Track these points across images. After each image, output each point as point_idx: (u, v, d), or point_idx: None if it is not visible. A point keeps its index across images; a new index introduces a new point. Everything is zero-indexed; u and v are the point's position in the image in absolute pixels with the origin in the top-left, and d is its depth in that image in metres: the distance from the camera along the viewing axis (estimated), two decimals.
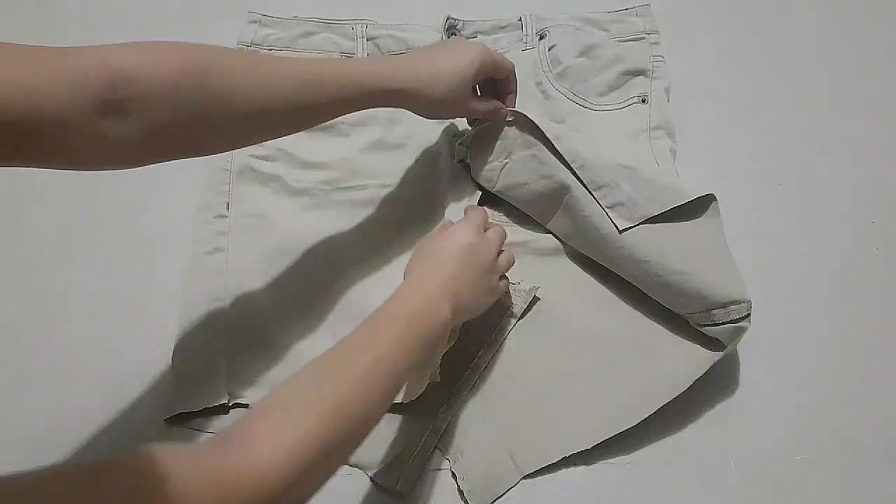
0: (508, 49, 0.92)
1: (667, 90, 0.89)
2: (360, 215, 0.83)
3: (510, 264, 0.73)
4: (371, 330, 0.59)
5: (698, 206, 0.74)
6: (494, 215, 0.83)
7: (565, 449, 0.71)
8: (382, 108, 0.86)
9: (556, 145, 0.76)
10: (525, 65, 0.90)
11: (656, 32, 0.92)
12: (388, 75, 0.68)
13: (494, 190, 0.82)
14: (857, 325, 0.78)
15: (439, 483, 0.70)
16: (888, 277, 0.80)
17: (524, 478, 0.70)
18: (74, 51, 0.51)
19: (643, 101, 0.88)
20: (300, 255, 0.81)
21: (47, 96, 0.48)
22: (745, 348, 0.76)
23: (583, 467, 0.71)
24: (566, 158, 0.76)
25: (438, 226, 0.71)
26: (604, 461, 0.71)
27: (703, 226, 0.74)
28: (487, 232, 0.71)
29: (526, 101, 0.88)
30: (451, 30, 0.91)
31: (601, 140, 0.84)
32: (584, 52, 0.89)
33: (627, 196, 0.74)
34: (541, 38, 0.91)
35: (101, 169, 0.57)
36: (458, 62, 0.71)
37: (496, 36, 0.93)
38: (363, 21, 0.92)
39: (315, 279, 0.80)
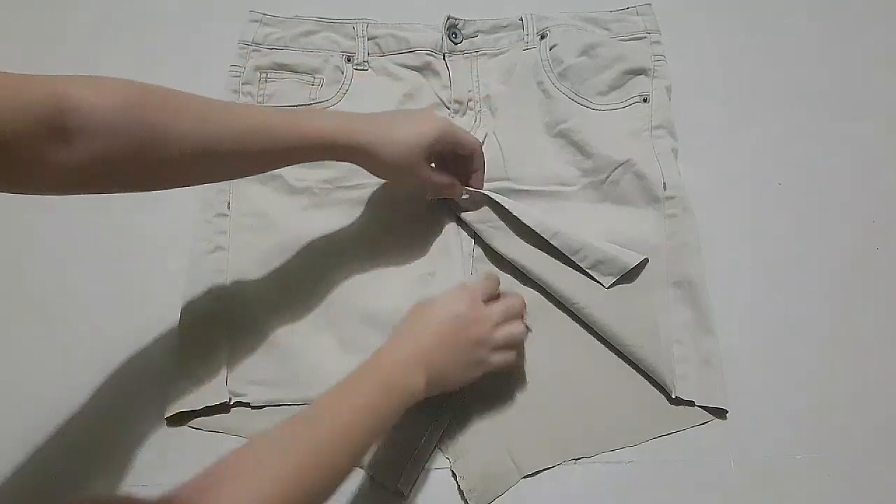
0: (509, 49, 0.92)
1: (668, 89, 0.89)
2: (360, 214, 0.83)
3: (512, 339, 0.70)
4: (341, 397, 0.60)
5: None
6: None
7: (567, 452, 0.71)
8: (383, 109, 0.88)
9: (524, 221, 0.78)
10: (526, 64, 0.90)
11: (657, 31, 0.92)
12: (343, 131, 0.68)
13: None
14: (858, 324, 0.78)
15: (439, 482, 0.70)
16: (888, 277, 0.80)
17: (524, 477, 0.71)
18: (26, 78, 0.52)
19: (644, 100, 0.88)
20: (301, 254, 0.81)
21: None
22: (746, 348, 0.76)
23: (583, 466, 0.71)
24: (538, 231, 0.78)
25: (442, 291, 0.70)
26: (604, 461, 0.71)
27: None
28: (490, 304, 0.69)
29: (527, 101, 0.88)
30: (452, 29, 0.91)
31: (602, 139, 0.84)
32: (586, 52, 0.89)
33: (604, 254, 0.77)
34: (542, 37, 0.91)
35: (41, 194, 0.57)
36: (413, 130, 0.71)
37: (497, 35, 0.93)
38: (364, 20, 0.92)
39: (316, 278, 0.80)
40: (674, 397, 0.73)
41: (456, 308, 0.66)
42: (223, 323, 0.78)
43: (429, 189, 0.80)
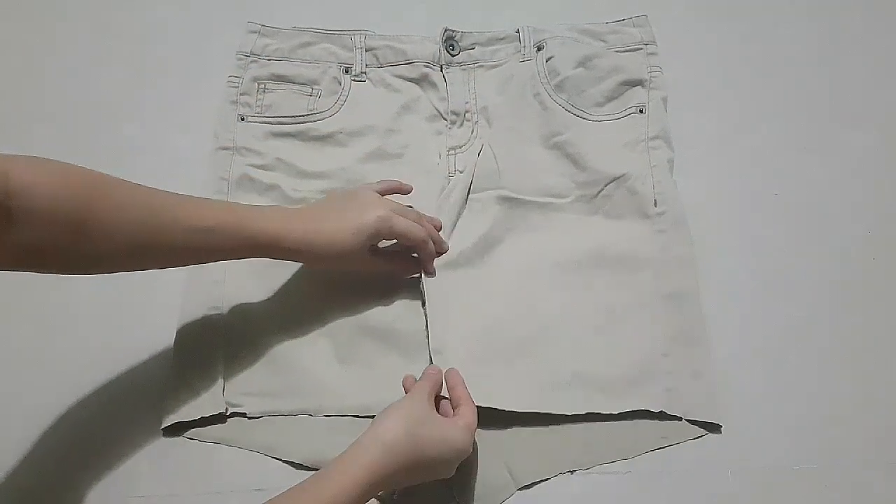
0: (506, 60, 0.92)
1: (664, 100, 0.90)
2: None
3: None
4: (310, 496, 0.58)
5: None
6: None
7: (563, 465, 0.71)
8: (380, 120, 0.88)
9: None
10: (523, 76, 0.90)
11: (654, 43, 0.93)
12: (283, 232, 0.70)
13: None
14: (855, 334, 0.78)
15: (436, 494, 0.70)
16: (886, 287, 0.80)
17: (520, 489, 0.70)
18: None
19: (641, 111, 0.88)
20: (297, 264, 0.81)
21: None
22: (743, 358, 0.76)
23: (579, 477, 0.71)
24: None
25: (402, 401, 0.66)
26: (600, 471, 0.71)
27: None
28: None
29: (523, 113, 0.88)
30: (449, 41, 0.91)
31: (598, 151, 0.85)
32: (582, 63, 0.89)
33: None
34: (538, 49, 0.91)
35: None
36: (352, 224, 0.72)
37: (494, 47, 0.93)
38: (362, 32, 0.93)
39: (313, 288, 0.80)
40: (656, 412, 0.72)
41: (434, 451, 0.63)
42: (220, 333, 0.78)
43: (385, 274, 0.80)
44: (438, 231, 0.80)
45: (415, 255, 0.80)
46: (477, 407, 0.69)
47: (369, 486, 0.58)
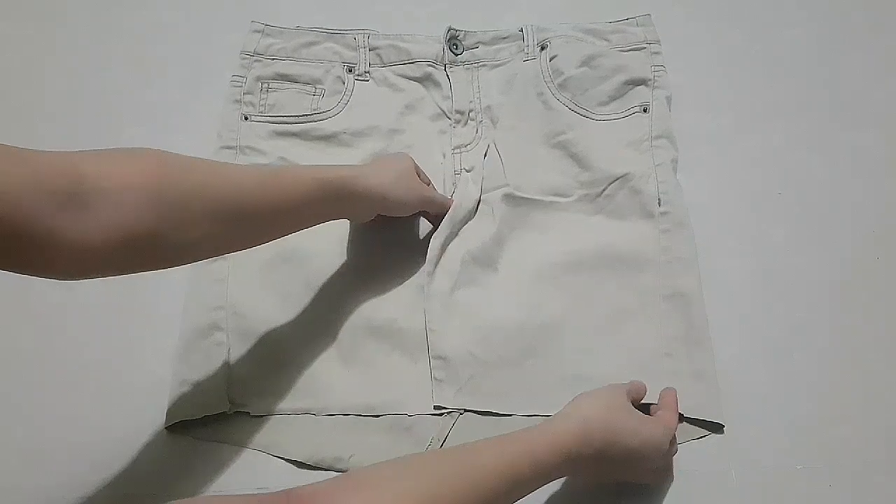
0: (510, 60, 0.92)
1: (668, 99, 0.90)
2: (361, 225, 0.83)
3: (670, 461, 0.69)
4: (498, 456, 0.55)
5: None
6: None
7: None
8: (384, 119, 0.88)
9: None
10: (526, 75, 0.90)
11: (657, 42, 0.93)
12: (347, 171, 0.71)
13: None
14: (858, 334, 0.78)
15: None
16: (889, 286, 0.80)
17: None
18: (44, 154, 0.51)
19: (644, 110, 0.88)
20: (301, 264, 0.81)
21: (11, 196, 0.46)
22: (746, 358, 0.76)
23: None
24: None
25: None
26: None
27: None
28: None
29: (527, 112, 0.88)
30: (453, 40, 0.91)
31: (601, 151, 0.85)
32: (586, 63, 0.89)
33: None
34: (542, 48, 0.91)
35: (60, 277, 0.54)
36: (395, 157, 0.79)
37: (497, 47, 0.93)
38: (365, 31, 0.93)
39: (316, 287, 0.80)
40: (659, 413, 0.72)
41: (656, 461, 0.65)
42: (224, 332, 0.78)
43: (433, 208, 0.81)
44: None
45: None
46: (479, 413, 0.71)
47: (564, 457, 0.57)
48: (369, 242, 0.83)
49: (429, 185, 0.82)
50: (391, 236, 0.83)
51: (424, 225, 0.84)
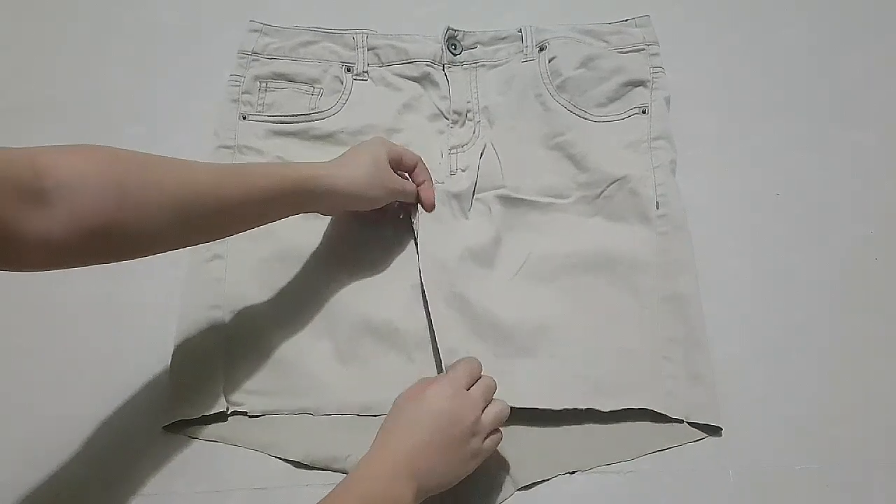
0: (508, 60, 0.92)
1: (667, 101, 0.90)
2: (358, 223, 0.83)
3: (499, 419, 0.66)
4: None
5: None
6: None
7: (562, 466, 0.71)
8: (382, 119, 0.88)
9: None
10: (525, 76, 0.90)
11: (656, 43, 0.93)
12: (311, 170, 0.71)
13: None
14: (857, 334, 0.78)
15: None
16: (887, 287, 0.80)
17: (519, 489, 0.70)
18: (1, 148, 0.52)
19: (643, 111, 0.88)
20: (298, 263, 0.81)
21: None
22: (744, 358, 0.76)
23: (580, 477, 0.71)
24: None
25: (419, 381, 0.67)
26: (602, 471, 0.71)
27: None
28: (472, 389, 0.66)
29: (525, 113, 0.88)
30: (451, 40, 0.91)
31: (600, 152, 0.85)
32: (584, 64, 0.89)
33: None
34: (541, 49, 0.91)
35: (22, 269, 0.54)
36: (365, 152, 0.76)
37: (496, 47, 0.93)
38: (364, 31, 0.93)
39: (313, 287, 0.80)
40: (658, 412, 0.72)
41: (442, 402, 0.63)
42: (220, 332, 0.78)
43: (405, 198, 0.81)
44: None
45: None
46: None
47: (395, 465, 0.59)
48: (366, 242, 0.83)
49: (414, 165, 0.82)
50: (390, 236, 0.83)
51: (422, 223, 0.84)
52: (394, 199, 0.79)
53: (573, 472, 0.71)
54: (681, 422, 0.73)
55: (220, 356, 0.76)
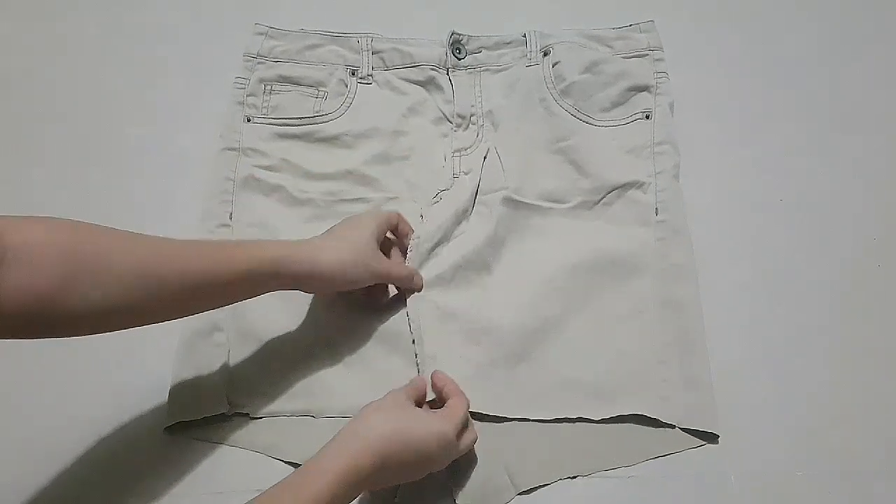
0: (512, 65, 0.92)
1: (670, 106, 0.90)
2: None
3: (470, 445, 0.68)
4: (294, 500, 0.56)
5: None
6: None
7: (563, 471, 0.71)
8: (386, 122, 0.88)
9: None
10: (529, 81, 0.90)
11: (660, 49, 0.93)
12: (287, 251, 0.68)
13: None
14: (859, 340, 0.78)
15: (436, 496, 0.70)
16: (889, 293, 0.80)
17: (520, 494, 0.70)
18: None
19: (647, 116, 0.88)
20: None
21: None
22: (746, 364, 0.76)
23: (582, 481, 0.71)
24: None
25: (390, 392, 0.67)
26: (603, 476, 0.71)
27: None
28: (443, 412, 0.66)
29: (529, 118, 0.88)
30: (456, 45, 0.92)
31: (602, 158, 0.85)
32: (589, 69, 0.89)
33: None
34: (545, 54, 0.91)
35: None
36: (356, 225, 0.74)
37: (500, 52, 0.93)
38: (369, 35, 0.93)
39: None
40: (651, 418, 0.73)
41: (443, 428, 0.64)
42: (223, 333, 0.78)
43: (391, 282, 0.79)
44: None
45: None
46: (474, 415, 0.71)
47: (349, 485, 0.57)
48: None
49: (406, 236, 0.80)
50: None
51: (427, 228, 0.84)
52: (378, 282, 0.76)
53: (574, 477, 0.71)
54: (673, 427, 0.73)
55: (222, 358, 0.76)
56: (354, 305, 0.79)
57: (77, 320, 0.56)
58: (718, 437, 0.72)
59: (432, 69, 0.91)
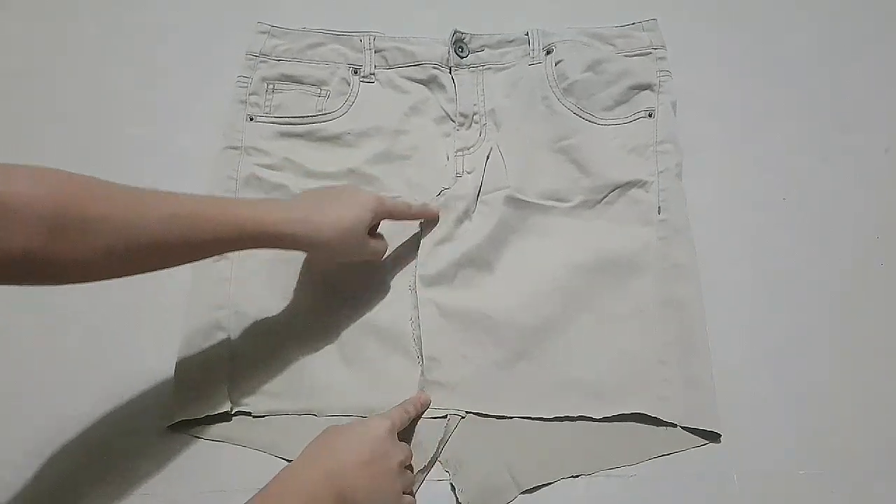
0: (515, 63, 0.92)
1: (673, 105, 0.89)
2: None
3: (409, 487, 0.69)
4: None
5: None
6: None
7: (565, 470, 0.71)
8: (388, 121, 0.88)
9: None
10: (531, 79, 0.90)
11: (663, 47, 0.92)
12: (271, 219, 0.66)
13: None
14: (862, 339, 0.78)
15: (439, 494, 0.70)
16: (892, 293, 0.80)
17: (523, 493, 0.70)
18: None
19: (650, 115, 0.88)
20: (304, 265, 0.81)
21: None
22: (748, 363, 0.76)
23: (584, 480, 0.71)
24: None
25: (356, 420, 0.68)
26: (606, 475, 0.71)
27: None
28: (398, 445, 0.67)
29: (531, 116, 0.88)
30: (458, 43, 0.91)
31: (604, 157, 0.85)
32: (591, 67, 0.89)
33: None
34: (547, 53, 0.91)
35: None
36: (351, 210, 0.72)
37: (503, 50, 0.93)
38: (371, 33, 0.93)
39: (318, 288, 0.80)
40: (652, 417, 0.73)
41: (376, 432, 0.64)
42: (226, 332, 0.78)
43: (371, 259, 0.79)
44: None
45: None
46: (476, 414, 0.73)
47: None
48: None
49: (407, 215, 0.80)
50: (394, 236, 0.83)
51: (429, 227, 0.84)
52: (361, 261, 0.77)
53: (576, 476, 0.71)
54: (674, 426, 0.73)
55: (224, 356, 0.76)
56: (357, 303, 0.79)
57: (51, 276, 0.56)
58: (721, 436, 0.72)
59: (435, 68, 0.91)
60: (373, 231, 0.77)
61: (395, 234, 0.82)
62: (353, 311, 0.79)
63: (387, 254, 0.81)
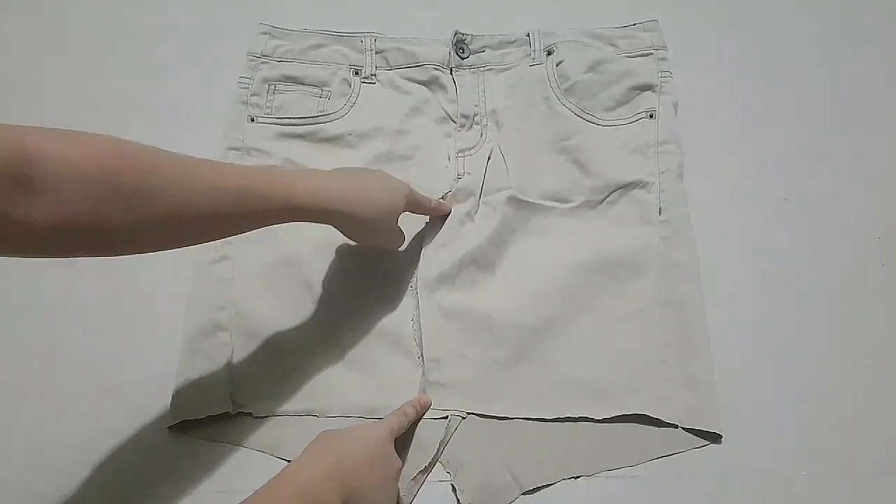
0: (516, 64, 0.92)
1: (675, 105, 0.89)
2: None
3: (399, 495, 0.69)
4: None
5: None
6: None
7: (566, 470, 0.71)
8: (389, 122, 0.88)
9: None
10: (532, 80, 0.90)
11: (664, 48, 0.92)
12: (319, 194, 0.67)
13: None
14: (863, 340, 0.78)
15: (440, 495, 0.70)
16: (893, 293, 0.80)
17: (524, 493, 0.70)
18: None
19: (651, 116, 0.88)
20: (305, 266, 0.81)
21: None
22: (750, 363, 0.76)
23: (585, 481, 0.71)
24: None
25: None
26: (606, 475, 0.71)
27: None
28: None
29: (532, 117, 0.88)
30: (459, 44, 0.92)
31: (605, 157, 0.85)
32: (592, 68, 0.89)
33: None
34: (549, 53, 0.91)
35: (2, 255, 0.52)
36: (389, 193, 0.72)
37: (504, 51, 0.93)
38: (372, 34, 0.93)
39: (319, 289, 0.80)
40: (653, 417, 0.73)
41: (378, 437, 0.65)
42: (227, 333, 0.78)
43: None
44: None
45: None
46: (477, 415, 0.73)
47: None
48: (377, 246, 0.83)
49: (430, 210, 0.81)
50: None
51: (430, 227, 0.84)
52: (384, 246, 0.79)
53: (577, 477, 0.71)
54: (675, 427, 0.73)
55: (226, 357, 0.76)
56: (359, 304, 0.79)
57: (105, 246, 0.56)
58: (721, 436, 0.72)
59: (436, 69, 0.91)
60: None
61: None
62: (354, 312, 0.79)
63: (387, 259, 0.81)
